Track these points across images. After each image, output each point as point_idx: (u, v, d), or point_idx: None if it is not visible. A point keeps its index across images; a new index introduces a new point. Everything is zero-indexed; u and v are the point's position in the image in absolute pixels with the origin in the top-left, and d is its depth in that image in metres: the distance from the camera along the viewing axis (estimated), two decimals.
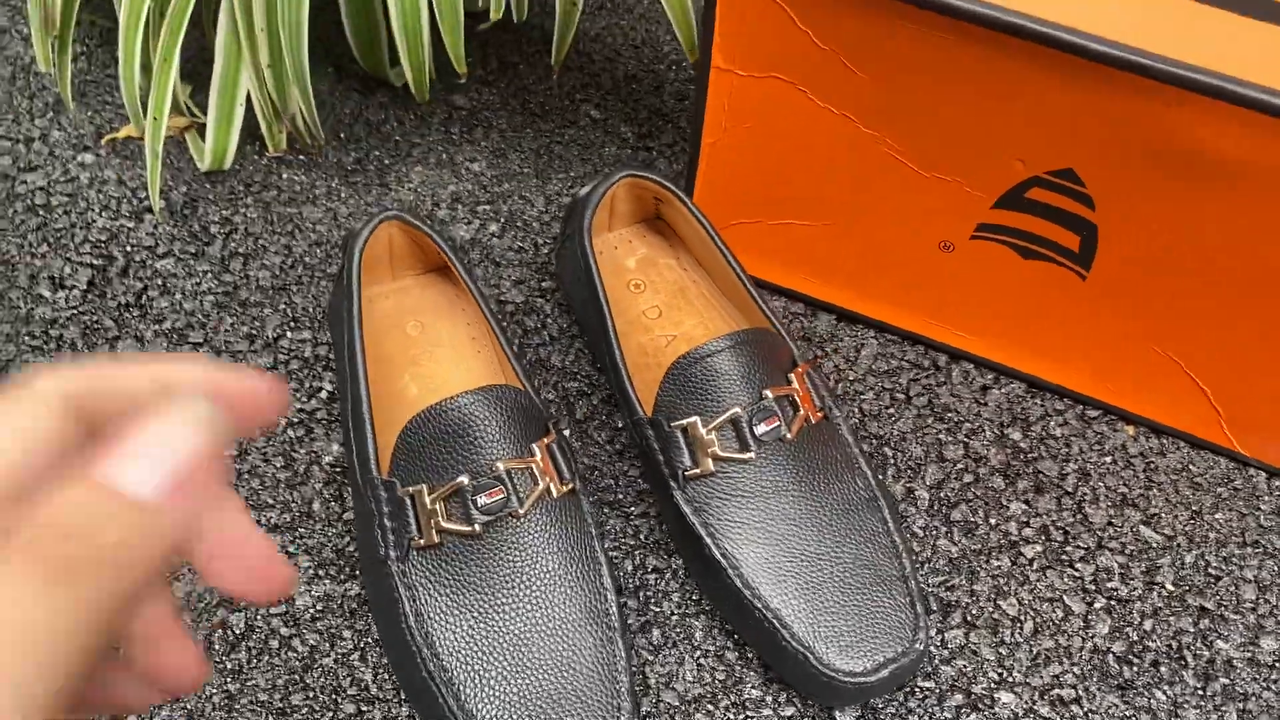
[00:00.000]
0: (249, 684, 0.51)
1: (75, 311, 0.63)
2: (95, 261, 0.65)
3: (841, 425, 0.55)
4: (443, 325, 0.60)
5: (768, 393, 0.53)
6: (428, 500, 0.49)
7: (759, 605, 0.50)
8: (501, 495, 0.49)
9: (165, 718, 0.50)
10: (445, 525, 0.49)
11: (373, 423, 0.52)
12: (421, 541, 0.49)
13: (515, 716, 0.46)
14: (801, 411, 0.53)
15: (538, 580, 0.49)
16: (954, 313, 0.63)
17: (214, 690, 0.51)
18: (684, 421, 0.53)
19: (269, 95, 0.66)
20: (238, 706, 0.50)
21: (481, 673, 0.47)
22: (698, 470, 0.52)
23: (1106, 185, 0.53)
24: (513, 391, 0.51)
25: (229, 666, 0.51)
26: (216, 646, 0.52)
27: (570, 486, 0.51)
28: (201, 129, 0.68)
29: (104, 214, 0.67)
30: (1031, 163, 0.53)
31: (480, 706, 0.46)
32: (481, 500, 0.49)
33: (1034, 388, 0.64)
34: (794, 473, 0.52)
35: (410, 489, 0.50)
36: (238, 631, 0.52)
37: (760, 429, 0.52)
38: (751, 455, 0.52)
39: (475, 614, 0.48)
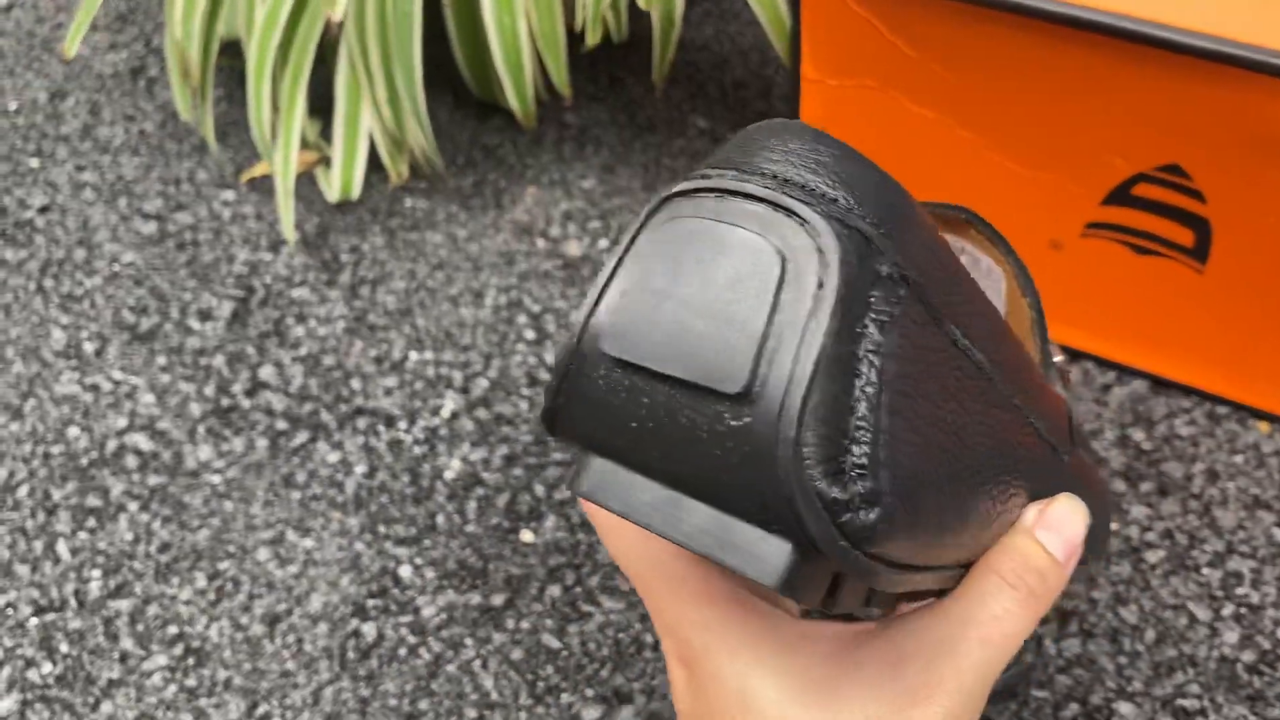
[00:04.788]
0: (380, 689, 0.54)
1: (221, 341, 0.68)
2: (237, 293, 0.70)
3: None
4: None
5: None
6: None
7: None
8: None
9: None
10: None
11: None
12: None
13: None
14: None
15: None
16: (1069, 311, 0.61)
17: (349, 696, 0.54)
18: None
19: (389, 129, 0.70)
20: (370, 710, 0.54)
21: None
22: None
23: (1215, 179, 0.51)
24: None
25: (362, 673, 0.55)
26: (350, 655, 0.56)
27: None
28: (329, 163, 0.73)
29: (245, 247, 0.72)
30: (1134, 159, 0.52)
31: None
32: None
33: (1159, 386, 0.62)
34: None
35: None
36: (370, 640, 0.56)
37: None
38: None
39: None
